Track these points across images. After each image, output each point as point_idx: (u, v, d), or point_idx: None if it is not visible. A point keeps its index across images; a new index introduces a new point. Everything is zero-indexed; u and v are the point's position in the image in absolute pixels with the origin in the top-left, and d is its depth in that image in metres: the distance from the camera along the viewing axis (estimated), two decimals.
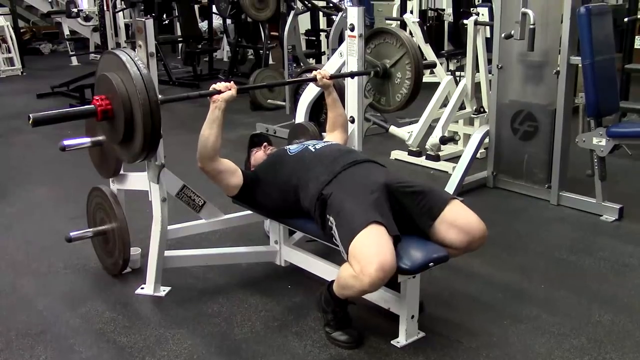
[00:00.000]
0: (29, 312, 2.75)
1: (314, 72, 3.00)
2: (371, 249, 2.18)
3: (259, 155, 2.96)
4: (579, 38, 3.55)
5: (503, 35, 3.84)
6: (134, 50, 2.55)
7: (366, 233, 2.22)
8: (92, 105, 2.44)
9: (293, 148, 2.76)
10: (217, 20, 10.20)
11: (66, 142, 2.86)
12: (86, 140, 2.97)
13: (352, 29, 3.03)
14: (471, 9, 4.86)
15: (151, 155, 2.59)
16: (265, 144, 3.02)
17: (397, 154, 4.94)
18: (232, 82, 2.67)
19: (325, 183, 2.47)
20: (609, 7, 3.64)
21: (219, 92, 2.62)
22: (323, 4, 7.48)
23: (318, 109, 3.64)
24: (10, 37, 9.39)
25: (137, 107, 2.36)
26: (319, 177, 2.51)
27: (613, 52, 3.69)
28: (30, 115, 2.29)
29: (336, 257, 2.43)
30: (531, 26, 3.58)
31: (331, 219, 2.37)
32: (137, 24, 2.59)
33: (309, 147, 2.71)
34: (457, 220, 2.40)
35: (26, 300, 2.86)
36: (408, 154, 4.85)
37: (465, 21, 4.72)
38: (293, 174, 2.63)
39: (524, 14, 3.60)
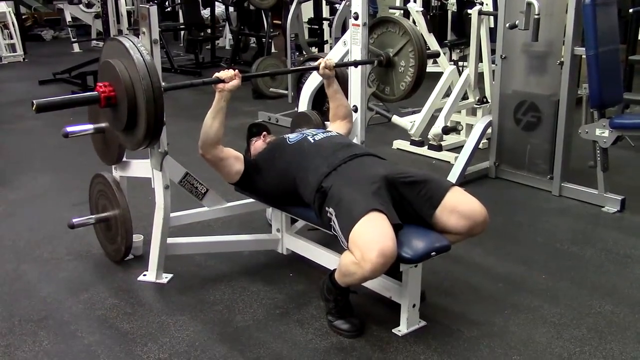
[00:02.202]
0: (31, 298, 2.76)
1: (319, 60, 2.99)
2: (372, 235, 2.19)
3: (258, 145, 2.95)
4: (584, 29, 3.54)
5: (507, 25, 3.83)
6: (137, 37, 2.55)
7: (366, 220, 2.22)
8: (96, 92, 2.44)
9: (292, 137, 2.76)
10: (219, 8, 10.16)
11: (69, 129, 2.86)
12: (89, 127, 2.97)
13: (356, 18, 3.02)
14: None
15: (154, 143, 2.59)
16: (264, 133, 3.01)
17: (400, 144, 4.94)
18: (236, 70, 2.67)
19: (325, 175, 2.47)
20: None
21: (223, 80, 2.62)
22: None
23: (321, 97, 3.62)
24: (12, 23, 9.35)
25: (140, 94, 2.36)
26: (318, 169, 2.51)
27: (617, 43, 3.67)
28: (34, 101, 2.29)
29: (338, 246, 2.44)
30: (536, 16, 3.57)
31: (330, 210, 2.38)
32: (141, 11, 2.57)
33: (308, 137, 2.71)
34: (459, 207, 2.40)
35: (29, 287, 2.87)
36: (410, 144, 4.84)
37: (469, 11, 4.70)
38: (292, 162, 2.64)
39: (529, 4, 3.59)
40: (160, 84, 2.39)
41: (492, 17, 4.74)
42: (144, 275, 2.91)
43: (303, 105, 3.58)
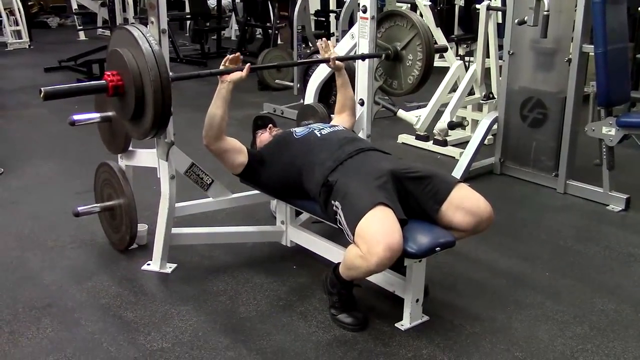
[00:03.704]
0: (35, 286, 2.77)
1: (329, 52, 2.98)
2: (378, 229, 2.19)
3: (264, 137, 2.95)
4: (593, 26, 3.52)
5: (516, 21, 3.82)
6: (145, 26, 2.54)
7: (373, 214, 2.23)
8: (104, 81, 2.44)
9: (299, 131, 2.76)
10: None
11: (76, 117, 2.87)
12: (96, 115, 2.97)
13: (364, 11, 3.01)
14: None
15: (161, 133, 2.58)
16: (270, 125, 3.01)
17: (405, 138, 4.93)
18: (248, 65, 2.64)
19: (331, 169, 2.47)
20: None
21: (228, 72, 2.61)
22: None
23: (327, 90, 3.62)
24: (18, 9, 9.35)
25: (148, 84, 2.35)
26: (324, 163, 2.51)
27: (626, 42, 3.66)
28: (42, 89, 2.28)
29: (342, 239, 2.44)
30: (545, 12, 3.56)
31: (336, 203, 2.38)
32: (150, 1, 2.56)
33: (315, 131, 2.70)
34: (464, 203, 2.40)
35: (33, 274, 2.88)
36: (415, 138, 4.84)
37: (477, 6, 4.68)
38: (297, 156, 2.64)
39: (539, 0, 3.57)
40: (168, 74, 2.39)
41: (499, 13, 4.72)
42: (148, 264, 2.91)
43: (309, 97, 3.58)
